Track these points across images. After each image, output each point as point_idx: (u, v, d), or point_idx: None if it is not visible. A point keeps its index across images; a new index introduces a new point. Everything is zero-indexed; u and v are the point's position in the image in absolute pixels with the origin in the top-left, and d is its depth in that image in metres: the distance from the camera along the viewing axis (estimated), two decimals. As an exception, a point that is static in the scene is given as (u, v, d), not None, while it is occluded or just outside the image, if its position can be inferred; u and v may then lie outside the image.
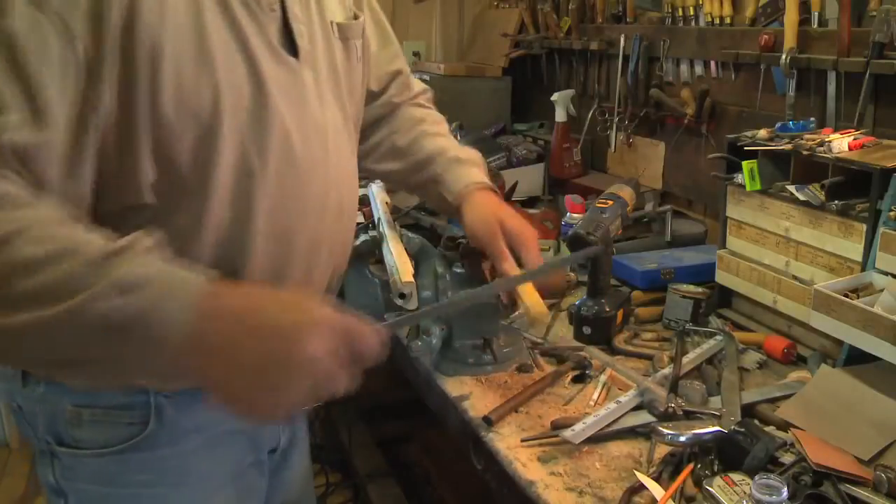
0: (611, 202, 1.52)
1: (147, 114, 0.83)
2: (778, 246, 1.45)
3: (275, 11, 0.96)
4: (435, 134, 1.33)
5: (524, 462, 1.10)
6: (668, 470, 1.07)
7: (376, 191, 1.72)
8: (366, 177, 1.50)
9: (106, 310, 0.67)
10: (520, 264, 1.19)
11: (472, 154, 1.34)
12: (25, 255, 0.67)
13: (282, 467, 1.20)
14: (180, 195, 0.89)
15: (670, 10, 2.05)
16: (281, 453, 1.19)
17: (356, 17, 1.13)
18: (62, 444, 0.99)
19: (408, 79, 1.38)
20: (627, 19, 2.27)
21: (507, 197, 2.20)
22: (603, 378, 1.32)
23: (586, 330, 1.48)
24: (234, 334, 0.70)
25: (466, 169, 1.30)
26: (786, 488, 0.85)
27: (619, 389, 1.28)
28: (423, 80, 1.50)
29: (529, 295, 1.20)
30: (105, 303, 0.67)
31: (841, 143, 1.33)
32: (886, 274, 1.22)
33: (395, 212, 1.58)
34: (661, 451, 1.10)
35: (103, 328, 0.67)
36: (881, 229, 1.22)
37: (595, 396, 1.27)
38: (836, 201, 1.31)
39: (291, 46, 0.97)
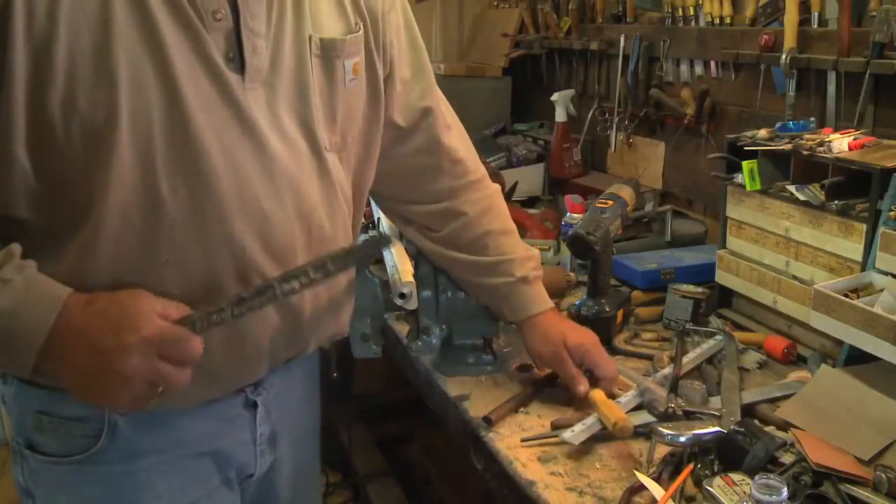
0: (611, 202, 1.53)
1: (22, 113, 0.79)
2: (778, 246, 1.45)
3: (221, 21, 0.86)
4: (500, 232, 1.27)
5: (524, 462, 1.10)
6: (668, 470, 1.07)
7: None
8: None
9: None
10: (593, 380, 1.22)
11: (533, 262, 1.28)
12: None
13: (265, 493, 1.16)
14: (69, 215, 0.85)
15: (670, 10, 2.05)
16: (262, 479, 1.13)
17: (358, 30, 1.03)
18: (29, 446, 0.99)
19: (443, 118, 1.23)
20: (627, 19, 2.27)
21: (508, 197, 2.20)
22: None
23: (586, 330, 1.48)
24: (69, 351, 0.82)
25: (532, 291, 1.26)
26: (786, 488, 0.85)
27: (619, 389, 1.28)
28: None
29: (605, 405, 1.16)
30: None
31: (841, 143, 1.33)
32: (886, 274, 1.22)
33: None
34: (661, 451, 1.10)
35: None
36: (881, 229, 1.22)
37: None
38: (836, 201, 1.31)
39: (243, 62, 0.89)
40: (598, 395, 1.20)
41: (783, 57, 1.63)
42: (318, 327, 1.07)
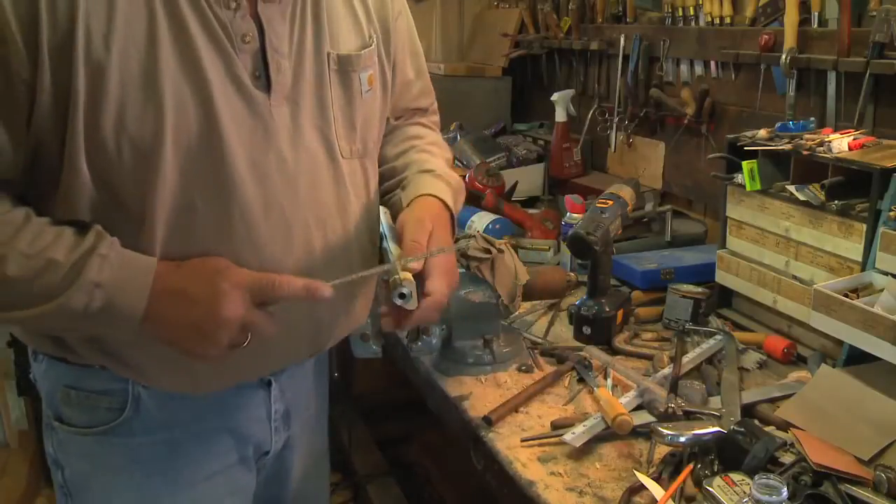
0: (611, 202, 1.53)
1: (81, 131, 0.85)
2: (778, 246, 1.45)
3: (249, 43, 0.93)
4: (422, 150, 1.21)
5: (524, 462, 1.10)
6: (668, 470, 1.07)
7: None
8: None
9: (81, 305, 0.86)
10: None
11: (451, 176, 1.17)
12: (14, 275, 0.85)
13: (277, 469, 1.21)
14: (121, 220, 0.91)
15: (670, 10, 2.05)
16: (276, 457, 1.19)
17: (371, 43, 1.08)
18: (58, 419, 1.06)
19: (429, 116, 1.30)
20: (627, 19, 2.27)
21: (508, 197, 2.20)
22: (610, 382, 1.31)
23: (586, 330, 1.48)
24: (169, 308, 0.90)
25: (432, 181, 1.13)
26: (786, 488, 0.85)
27: (620, 387, 1.28)
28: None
29: (608, 401, 1.17)
30: (79, 300, 0.86)
31: (841, 143, 1.33)
32: (886, 274, 1.22)
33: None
34: (661, 451, 1.11)
35: (83, 317, 0.87)
36: (881, 229, 1.22)
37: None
38: (836, 201, 1.31)
39: (269, 80, 0.95)
40: (602, 391, 1.21)
41: (783, 57, 1.63)
42: (335, 329, 1.13)
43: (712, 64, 1.94)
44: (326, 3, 1.01)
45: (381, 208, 1.48)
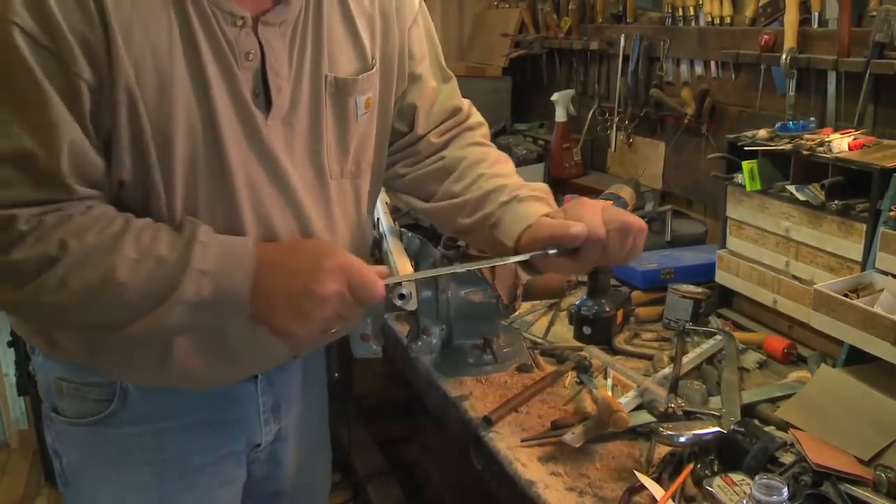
0: (611, 202, 1.53)
1: (127, 135, 0.88)
2: (778, 246, 1.45)
3: (251, 62, 0.94)
4: (494, 175, 1.15)
5: (524, 462, 1.10)
6: (668, 470, 1.07)
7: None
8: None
9: (193, 296, 0.88)
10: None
11: (534, 188, 1.13)
12: (126, 280, 0.86)
13: (271, 462, 1.23)
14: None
15: (670, 10, 2.05)
16: (268, 449, 1.21)
17: (373, 67, 1.07)
18: (54, 410, 1.10)
19: (465, 116, 1.28)
20: (627, 19, 2.27)
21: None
22: (610, 382, 1.31)
23: (586, 330, 1.48)
24: (269, 281, 0.90)
25: (527, 207, 1.08)
26: (786, 488, 0.85)
27: (619, 387, 1.28)
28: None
29: (606, 399, 1.17)
30: (190, 291, 0.87)
31: (841, 143, 1.33)
32: (886, 274, 1.22)
33: (395, 212, 1.58)
34: (661, 451, 1.10)
35: (196, 308, 0.88)
36: (881, 229, 1.22)
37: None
38: (836, 201, 1.31)
39: (269, 99, 0.96)
40: (602, 391, 1.21)
41: (783, 57, 1.63)
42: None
43: (712, 64, 1.94)
44: (328, 25, 1.01)
45: (381, 207, 1.47)
